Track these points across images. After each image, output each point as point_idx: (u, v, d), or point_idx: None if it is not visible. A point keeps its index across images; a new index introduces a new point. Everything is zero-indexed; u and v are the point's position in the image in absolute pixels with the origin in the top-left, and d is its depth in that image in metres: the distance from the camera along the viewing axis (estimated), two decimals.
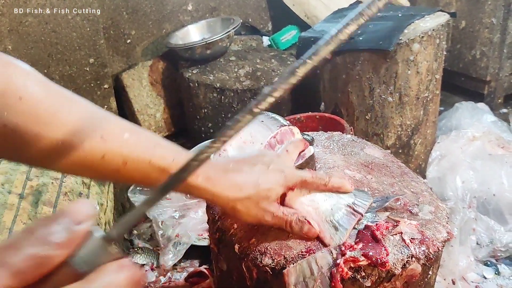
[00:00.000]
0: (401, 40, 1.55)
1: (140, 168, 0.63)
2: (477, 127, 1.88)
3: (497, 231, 1.51)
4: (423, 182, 0.96)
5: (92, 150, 0.59)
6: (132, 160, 0.62)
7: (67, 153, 0.58)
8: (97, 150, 0.60)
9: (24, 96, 0.55)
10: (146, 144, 0.65)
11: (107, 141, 0.60)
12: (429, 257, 0.76)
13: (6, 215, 0.95)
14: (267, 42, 2.59)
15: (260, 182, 0.70)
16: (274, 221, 0.73)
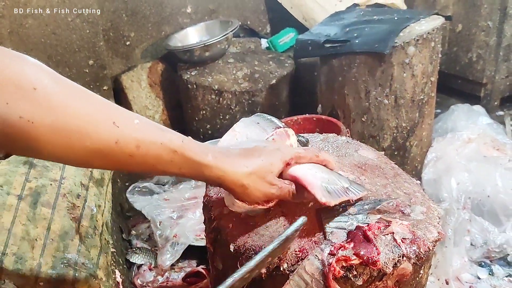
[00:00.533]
0: (396, 43, 1.57)
1: (153, 150, 0.66)
2: (472, 129, 1.90)
3: (491, 232, 1.53)
4: (415, 183, 0.97)
5: (106, 136, 0.61)
6: (145, 143, 0.65)
7: (82, 142, 0.60)
8: (111, 136, 0.62)
9: (38, 87, 0.56)
10: (155, 128, 0.68)
11: (119, 127, 0.62)
12: (420, 256, 0.78)
13: (5, 216, 0.96)
14: (265, 44, 2.61)
15: (262, 158, 0.77)
16: (278, 193, 0.78)
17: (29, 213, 0.99)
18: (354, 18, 1.85)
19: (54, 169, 1.11)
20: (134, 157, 0.65)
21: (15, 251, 0.90)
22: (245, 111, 2.12)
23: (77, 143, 0.60)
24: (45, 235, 0.97)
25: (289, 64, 2.29)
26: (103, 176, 1.25)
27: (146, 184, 1.85)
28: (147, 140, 0.65)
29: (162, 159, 0.68)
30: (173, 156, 0.68)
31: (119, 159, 0.64)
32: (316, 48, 1.70)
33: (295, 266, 0.75)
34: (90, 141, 0.60)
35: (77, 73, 2.06)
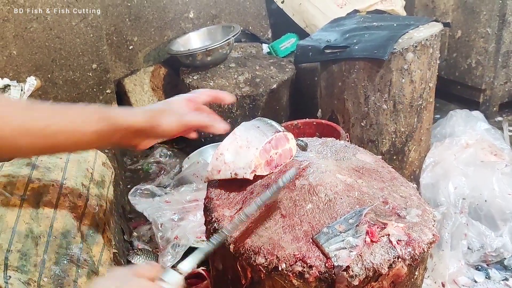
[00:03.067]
0: (395, 49, 1.59)
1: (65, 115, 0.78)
2: (470, 134, 1.92)
3: (488, 236, 1.55)
4: (412, 187, 1.00)
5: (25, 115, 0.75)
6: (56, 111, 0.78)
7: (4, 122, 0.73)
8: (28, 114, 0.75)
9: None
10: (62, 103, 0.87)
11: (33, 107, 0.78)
12: (415, 258, 0.80)
13: (9, 215, 0.98)
14: (267, 49, 2.64)
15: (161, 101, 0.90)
16: (196, 118, 0.88)
17: (32, 213, 1.01)
18: (354, 24, 1.88)
19: (56, 171, 1.14)
20: (52, 125, 0.76)
21: (19, 248, 0.93)
22: (246, 115, 2.15)
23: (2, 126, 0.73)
24: (48, 232, 0.99)
25: (290, 69, 2.32)
26: (104, 178, 1.28)
27: (148, 186, 1.87)
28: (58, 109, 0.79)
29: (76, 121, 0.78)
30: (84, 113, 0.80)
31: (39, 131, 0.75)
32: (317, 53, 1.72)
33: (293, 266, 0.77)
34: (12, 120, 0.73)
35: (81, 77, 2.09)
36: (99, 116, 0.80)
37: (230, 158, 0.94)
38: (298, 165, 0.98)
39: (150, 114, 0.84)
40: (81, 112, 0.80)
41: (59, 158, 1.18)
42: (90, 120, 0.79)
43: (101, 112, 0.81)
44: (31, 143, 0.76)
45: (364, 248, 0.79)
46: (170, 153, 2.26)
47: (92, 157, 1.28)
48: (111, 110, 0.82)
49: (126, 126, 0.82)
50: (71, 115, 0.79)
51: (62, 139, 0.78)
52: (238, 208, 0.91)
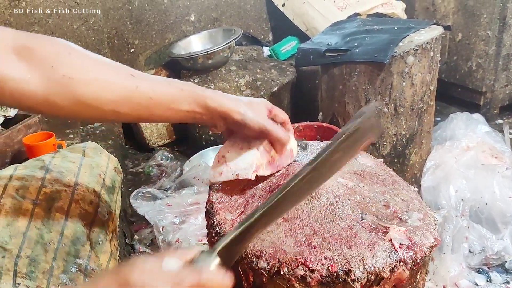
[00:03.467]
0: (396, 52, 1.59)
1: (166, 90, 0.81)
2: (471, 137, 1.92)
3: (489, 239, 1.55)
4: (413, 190, 1.00)
5: (128, 84, 0.77)
6: (158, 86, 0.81)
7: (111, 90, 0.76)
8: (131, 83, 0.78)
9: (71, 53, 0.75)
10: (162, 78, 0.86)
11: (135, 77, 0.79)
12: (417, 262, 0.80)
13: (21, 220, 0.98)
14: (268, 52, 2.64)
15: (251, 100, 0.91)
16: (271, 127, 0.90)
17: (43, 218, 1.01)
18: (354, 27, 1.88)
19: (69, 175, 1.13)
20: (153, 99, 0.79)
21: (29, 254, 0.92)
22: None
23: (108, 92, 0.76)
24: (58, 239, 0.99)
25: (291, 72, 2.33)
26: (114, 184, 1.27)
27: (149, 189, 1.88)
28: (159, 83, 0.81)
29: (175, 97, 0.82)
30: (182, 93, 0.82)
31: (141, 102, 0.79)
32: (317, 57, 1.73)
33: (295, 270, 0.78)
34: (117, 88, 0.76)
35: None
36: (195, 97, 0.83)
37: (231, 160, 0.94)
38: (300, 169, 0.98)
39: (242, 106, 0.86)
40: (181, 90, 0.83)
41: (73, 162, 1.18)
42: (188, 98, 0.83)
43: (198, 93, 0.84)
44: (129, 111, 0.79)
45: (366, 251, 0.79)
46: (171, 156, 2.27)
47: (105, 162, 1.28)
48: (206, 92, 0.85)
49: (220, 112, 0.85)
50: (172, 90, 0.82)
51: (158, 112, 0.82)
52: (240, 212, 0.91)
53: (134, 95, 0.78)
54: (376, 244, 0.80)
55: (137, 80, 0.79)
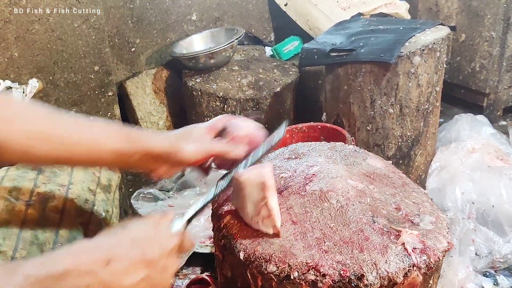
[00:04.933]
0: (402, 52, 1.57)
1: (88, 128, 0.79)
2: (476, 139, 1.90)
3: (496, 242, 1.53)
4: (423, 193, 0.98)
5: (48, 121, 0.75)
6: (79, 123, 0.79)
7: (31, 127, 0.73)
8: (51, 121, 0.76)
9: None
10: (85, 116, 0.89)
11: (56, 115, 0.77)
12: (430, 266, 0.78)
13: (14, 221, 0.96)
14: (270, 52, 2.62)
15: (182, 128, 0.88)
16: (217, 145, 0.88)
17: (37, 218, 0.99)
18: (359, 27, 1.86)
19: (62, 175, 1.12)
20: (73, 136, 0.76)
21: (24, 255, 0.90)
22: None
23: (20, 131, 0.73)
24: (54, 239, 0.97)
25: (293, 72, 2.30)
26: (110, 182, 1.25)
27: (151, 190, 1.85)
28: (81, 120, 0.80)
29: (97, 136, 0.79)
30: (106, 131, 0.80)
31: (60, 140, 0.75)
32: (322, 56, 1.71)
33: (305, 274, 0.75)
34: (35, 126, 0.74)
35: (82, 79, 2.07)
36: (121, 135, 0.79)
37: None
38: (308, 170, 0.96)
39: (172, 139, 0.83)
40: (104, 128, 0.79)
41: None
42: (112, 137, 0.79)
43: (123, 131, 0.80)
44: (49, 152, 0.75)
45: (379, 255, 0.77)
46: None
47: None
48: (134, 131, 0.81)
49: (146, 149, 0.80)
50: (94, 129, 0.78)
51: (81, 152, 0.77)
52: None
53: (53, 132, 0.75)
54: (389, 248, 0.78)
55: (57, 118, 0.76)
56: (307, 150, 1.10)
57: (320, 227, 0.83)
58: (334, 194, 0.89)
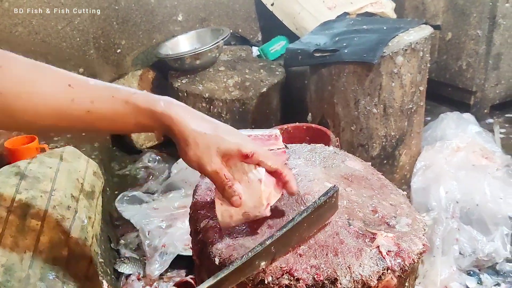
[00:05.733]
0: (385, 53, 1.57)
1: (106, 103, 0.72)
2: (461, 137, 1.91)
3: (479, 241, 1.53)
4: (402, 195, 0.97)
5: (62, 95, 0.70)
6: (98, 98, 0.72)
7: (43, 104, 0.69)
8: (67, 96, 0.70)
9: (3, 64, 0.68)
10: (109, 86, 0.74)
11: (74, 87, 0.71)
12: (405, 269, 0.78)
13: None
14: (257, 52, 2.61)
15: (219, 130, 0.76)
16: (212, 174, 0.76)
17: (18, 225, 0.98)
18: (343, 27, 1.86)
19: (45, 181, 1.11)
20: (91, 112, 0.71)
21: (3, 262, 0.90)
22: (236, 119, 2.13)
23: (41, 106, 0.69)
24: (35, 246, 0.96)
25: (280, 72, 2.30)
26: (94, 189, 1.25)
27: (135, 193, 1.84)
28: (100, 95, 0.72)
29: (118, 112, 0.73)
30: (126, 107, 0.72)
31: (78, 117, 0.71)
32: (306, 57, 1.70)
33: (279, 279, 0.75)
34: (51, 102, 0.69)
35: None
36: (141, 111, 0.73)
37: None
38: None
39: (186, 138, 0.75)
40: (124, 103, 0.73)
41: (49, 167, 1.15)
42: (132, 113, 0.73)
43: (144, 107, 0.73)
44: (69, 126, 0.74)
45: (353, 259, 0.76)
46: (159, 158, 2.23)
47: (84, 166, 1.24)
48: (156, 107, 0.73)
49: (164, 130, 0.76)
50: (113, 105, 0.73)
51: (102, 126, 0.74)
52: None
53: (70, 108, 0.70)
54: (363, 251, 0.78)
55: (74, 92, 0.71)
56: (287, 153, 1.10)
57: None
58: (311, 197, 0.88)
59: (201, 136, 0.75)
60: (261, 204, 0.80)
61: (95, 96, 0.72)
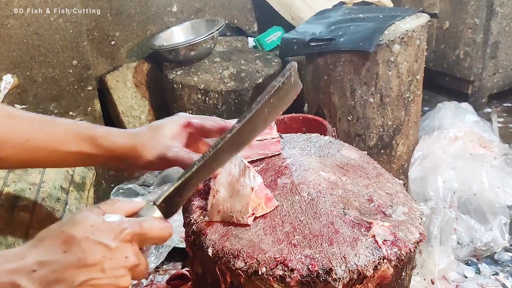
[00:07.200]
0: (381, 41, 1.55)
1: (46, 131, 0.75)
2: (459, 127, 1.90)
3: (477, 231, 1.53)
4: (398, 183, 0.96)
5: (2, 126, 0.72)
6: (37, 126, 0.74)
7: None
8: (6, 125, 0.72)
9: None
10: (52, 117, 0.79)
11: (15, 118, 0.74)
12: (401, 258, 0.77)
13: None
14: (252, 43, 2.59)
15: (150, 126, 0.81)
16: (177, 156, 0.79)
17: (6, 218, 0.97)
18: (339, 16, 1.84)
19: (33, 173, 1.09)
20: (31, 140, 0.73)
21: None
22: (231, 111, 2.11)
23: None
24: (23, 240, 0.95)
25: (276, 63, 2.28)
26: (85, 180, 1.23)
27: (131, 185, 1.83)
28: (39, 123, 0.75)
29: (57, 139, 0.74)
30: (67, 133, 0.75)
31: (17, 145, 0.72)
32: (302, 47, 1.68)
33: (273, 270, 0.74)
34: None
35: (61, 74, 2.03)
36: (84, 137, 0.75)
37: (226, 197, 0.82)
38: (281, 162, 0.95)
39: (134, 142, 0.78)
40: (66, 129, 0.75)
41: None
42: (74, 139, 0.75)
43: (87, 132, 0.76)
44: (13, 155, 0.73)
45: (348, 249, 0.75)
46: None
47: None
48: (98, 131, 0.77)
49: (110, 151, 0.77)
50: (55, 131, 0.75)
51: (43, 156, 0.74)
52: None
53: (9, 137, 0.71)
54: (359, 241, 0.77)
55: (14, 122, 0.72)
56: (282, 142, 1.08)
57: (290, 221, 0.81)
58: (305, 187, 0.87)
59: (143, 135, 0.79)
60: (247, 211, 0.80)
61: (35, 125, 0.74)
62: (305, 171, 0.91)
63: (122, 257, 0.59)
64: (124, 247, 0.60)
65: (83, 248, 0.56)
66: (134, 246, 0.61)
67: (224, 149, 0.74)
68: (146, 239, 0.64)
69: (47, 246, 0.58)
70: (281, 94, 0.79)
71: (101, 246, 0.57)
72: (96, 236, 0.58)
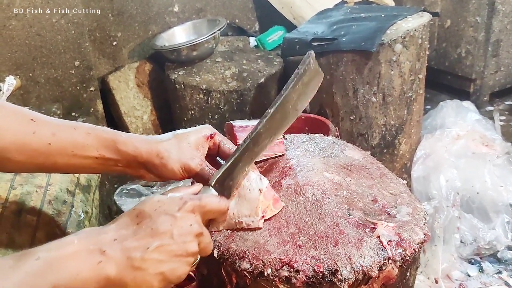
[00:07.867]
0: (383, 40, 1.56)
1: (68, 135, 0.74)
2: (461, 125, 1.90)
3: (480, 229, 1.53)
4: (402, 183, 0.96)
5: (23, 128, 0.71)
6: (59, 130, 0.74)
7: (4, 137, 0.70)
8: (28, 128, 0.72)
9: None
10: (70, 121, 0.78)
11: (36, 122, 0.73)
12: (406, 259, 0.77)
13: None
14: (254, 42, 2.59)
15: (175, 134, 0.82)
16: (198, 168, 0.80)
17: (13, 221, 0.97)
18: (341, 15, 1.84)
19: (40, 176, 1.09)
20: (53, 144, 0.72)
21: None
22: (233, 111, 2.11)
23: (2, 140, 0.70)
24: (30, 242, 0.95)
25: (278, 63, 2.28)
26: (90, 183, 1.23)
27: (134, 186, 1.83)
28: (61, 127, 0.74)
29: (78, 142, 0.74)
30: (88, 138, 0.75)
31: (39, 149, 0.72)
32: (304, 46, 1.68)
33: (279, 271, 0.74)
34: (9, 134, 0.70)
35: (63, 74, 2.04)
36: (104, 140, 0.75)
37: (232, 204, 0.81)
38: (285, 164, 0.95)
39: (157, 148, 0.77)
40: (87, 133, 0.75)
41: None
42: (95, 143, 0.75)
43: (107, 136, 0.76)
44: (29, 160, 0.72)
45: (353, 249, 0.75)
46: None
47: None
48: (118, 136, 0.76)
49: (131, 156, 0.76)
50: (77, 135, 0.74)
51: (62, 160, 0.74)
52: None
53: (30, 141, 0.71)
54: (364, 242, 0.77)
55: (35, 126, 0.72)
56: (286, 143, 1.09)
57: (295, 222, 0.81)
58: (310, 188, 0.87)
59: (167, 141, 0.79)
60: (256, 215, 0.80)
61: (57, 129, 0.74)
62: (309, 172, 0.91)
63: (187, 224, 0.66)
64: (188, 216, 0.67)
65: (153, 219, 0.64)
66: (196, 216, 0.68)
67: (262, 133, 0.80)
68: (206, 211, 0.71)
69: (123, 222, 0.65)
70: (305, 80, 0.84)
71: (168, 217, 0.65)
72: (163, 209, 0.66)
